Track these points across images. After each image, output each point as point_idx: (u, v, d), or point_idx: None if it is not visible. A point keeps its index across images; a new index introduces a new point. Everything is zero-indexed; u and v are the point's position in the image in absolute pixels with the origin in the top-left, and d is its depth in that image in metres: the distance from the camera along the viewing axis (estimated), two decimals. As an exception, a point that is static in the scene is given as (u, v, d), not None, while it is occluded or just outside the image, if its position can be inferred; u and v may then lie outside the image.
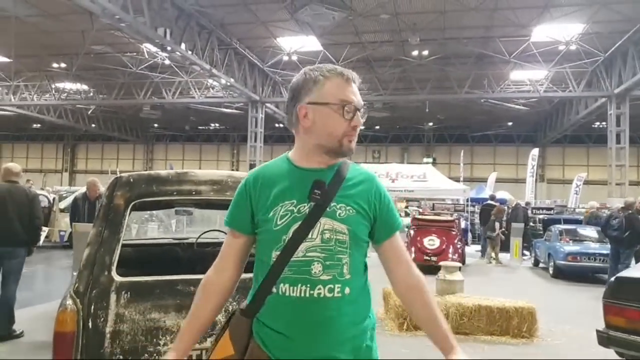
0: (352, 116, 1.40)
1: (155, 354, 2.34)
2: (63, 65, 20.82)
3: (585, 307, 3.91)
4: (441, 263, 6.46)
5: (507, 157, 32.90)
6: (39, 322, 5.24)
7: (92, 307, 2.27)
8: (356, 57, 18.21)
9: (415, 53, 17.73)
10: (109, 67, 20.28)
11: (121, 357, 2.29)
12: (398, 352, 4.61)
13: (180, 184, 2.62)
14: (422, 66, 18.65)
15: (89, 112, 28.54)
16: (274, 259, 1.33)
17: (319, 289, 1.29)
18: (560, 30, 15.57)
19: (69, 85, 23.65)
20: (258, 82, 20.49)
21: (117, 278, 2.36)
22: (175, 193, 2.61)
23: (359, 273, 1.37)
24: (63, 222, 11.60)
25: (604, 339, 3.54)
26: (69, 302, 2.27)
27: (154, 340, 2.34)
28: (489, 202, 14.74)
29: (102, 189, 6.78)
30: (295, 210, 1.34)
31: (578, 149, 31.89)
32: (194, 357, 2.40)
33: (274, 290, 1.32)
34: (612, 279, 3.77)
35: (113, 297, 2.31)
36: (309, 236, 1.32)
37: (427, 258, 9.75)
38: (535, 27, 15.16)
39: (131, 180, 2.53)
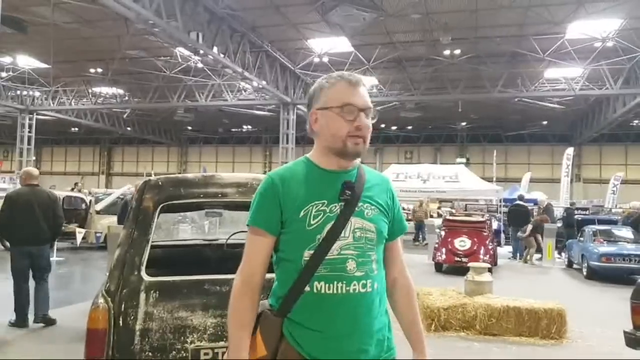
0: (354, 117, 1.41)
1: (182, 352, 2.41)
2: (99, 70, 21.60)
3: (618, 308, 3.86)
4: (470, 264, 6.43)
5: (541, 156, 32.03)
6: (76, 319, 5.46)
7: (123, 305, 2.37)
8: (387, 57, 18.14)
9: (447, 52, 17.51)
10: (143, 71, 20.89)
11: (150, 354, 2.37)
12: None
13: (207, 187, 2.70)
14: (454, 65, 18.41)
15: (125, 116, 29.45)
16: (307, 258, 1.35)
17: (354, 285, 1.35)
18: (596, 27, 15.07)
19: (105, 90, 24.52)
20: (289, 84, 20.69)
21: (147, 278, 2.45)
22: (202, 195, 2.69)
23: (382, 269, 1.48)
24: (99, 223, 11.94)
25: (632, 340, 3.51)
26: (101, 300, 2.37)
27: (182, 338, 2.41)
28: (518, 202, 14.46)
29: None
30: (328, 210, 1.38)
31: (616, 147, 30.73)
32: (209, 357, 2.45)
33: (307, 288, 1.35)
34: None
35: (142, 296, 2.40)
36: (342, 235, 1.37)
37: (458, 259, 9.66)
38: (570, 24, 14.73)
39: (160, 183, 2.63)
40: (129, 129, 32.23)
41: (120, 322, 2.34)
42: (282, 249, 1.43)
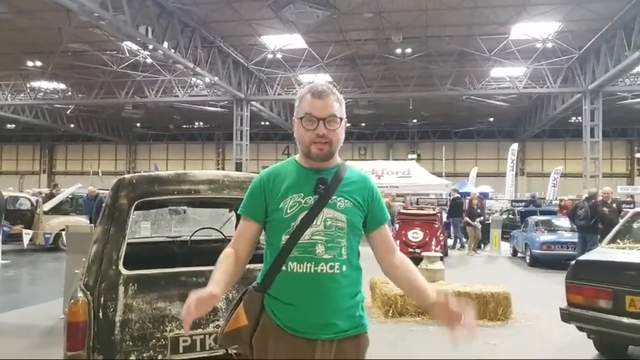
0: (314, 126, 1.59)
1: (162, 340, 2.53)
2: (38, 63, 20.39)
3: (557, 292, 4.29)
4: (423, 254, 6.71)
5: (488, 152, 33.51)
6: (29, 323, 5.25)
7: (102, 298, 2.44)
8: (341, 55, 18.34)
9: (398, 51, 17.94)
10: (88, 65, 19.95)
11: (131, 343, 2.47)
12: (384, 337, 4.90)
13: (180, 184, 2.78)
14: (405, 64, 18.89)
15: (68, 112, 28.04)
16: (284, 242, 1.55)
17: (322, 266, 1.53)
18: (538, 28, 16.00)
19: (45, 85, 23.18)
20: (243, 80, 20.45)
21: (125, 271, 2.52)
22: (175, 192, 2.79)
23: (354, 255, 1.62)
24: (47, 224, 11.40)
25: (566, 316, 3.92)
26: (80, 294, 2.43)
27: (161, 327, 2.54)
28: (455, 195, 15.41)
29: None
30: (303, 202, 1.58)
31: (556, 143, 32.68)
32: (188, 344, 2.57)
33: (284, 268, 1.55)
34: (573, 262, 4.18)
35: (121, 289, 2.48)
36: (314, 223, 1.56)
37: (412, 250, 9.99)
38: (513, 25, 15.52)
39: (134, 181, 2.70)
40: (72, 125, 30.70)
41: (100, 314, 2.42)
42: (268, 235, 1.65)
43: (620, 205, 11.11)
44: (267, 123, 29.69)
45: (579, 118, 21.55)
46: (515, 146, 23.60)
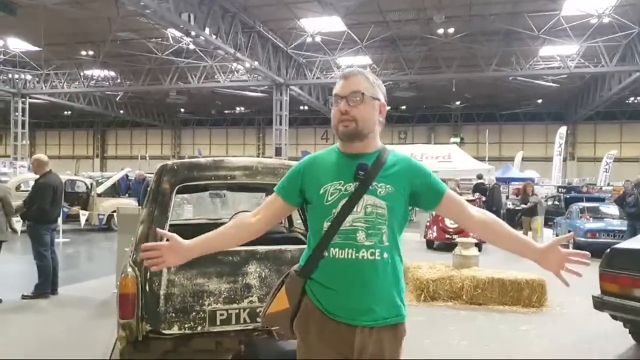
0: (338, 105, 1.62)
1: (201, 312, 2.80)
2: (90, 52, 21.37)
3: (597, 280, 4.22)
4: (458, 239, 6.70)
5: (535, 135, 32.21)
6: (87, 296, 5.72)
7: (148, 274, 2.72)
8: (380, 36, 18.05)
9: (440, 31, 17.44)
10: (135, 53, 20.70)
11: (173, 314, 2.75)
12: (416, 320, 4.97)
13: (217, 170, 3.03)
14: (448, 44, 18.36)
15: (117, 99, 29.26)
16: (325, 229, 1.58)
17: (363, 252, 1.55)
18: (592, 3, 15.03)
19: (97, 72, 24.31)
20: (282, 64, 20.58)
21: None
22: (213, 178, 3.04)
23: (395, 242, 1.62)
24: (101, 206, 12.11)
25: (599, 304, 3.87)
26: (129, 269, 2.73)
27: (200, 301, 2.81)
28: (480, 181, 14.99)
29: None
30: (343, 189, 1.60)
31: (610, 125, 30.92)
32: (224, 317, 2.83)
33: (325, 254, 1.58)
34: (608, 250, 4.06)
35: None
36: (354, 210, 1.57)
37: (448, 236, 9.89)
38: (565, 1, 14.70)
39: (175, 167, 2.97)
40: (121, 111, 32.06)
41: (147, 288, 2.72)
42: (310, 221, 1.70)
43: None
44: (306, 108, 29.78)
45: (638, 98, 20.26)
46: (563, 129, 22.56)
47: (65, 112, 35.39)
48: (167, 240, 1.68)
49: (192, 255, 1.70)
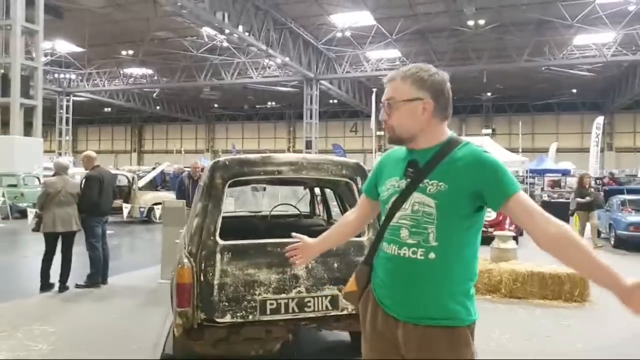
0: (383, 112, 1.64)
1: (252, 302, 2.92)
2: (130, 52, 22.28)
3: None
4: (495, 232, 6.62)
5: (571, 126, 31.38)
6: (133, 286, 5.98)
7: (203, 264, 2.87)
8: (410, 29, 18.07)
9: (471, 23, 17.30)
10: (171, 51, 21.44)
11: (226, 304, 2.88)
12: None
13: (265, 165, 3.18)
14: (478, 35, 18.21)
15: (154, 95, 30.30)
16: (382, 223, 1.65)
17: (405, 250, 1.55)
18: (630, -10, 14.67)
19: (135, 71, 25.28)
20: (312, 59, 20.88)
21: (221, 242, 2.95)
22: (262, 173, 3.19)
23: (450, 242, 1.52)
24: (142, 199, 12.61)
25: None
26: (185, 260, 2.87)
27: (251, 290, 2.92)
28: None
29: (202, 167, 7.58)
30: (396, 185, 1.60)
31: (651, 114, 29.85)
32: (274, 306, 2.96)
33: (380, 246, 1.65)
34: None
35: (218, 256, 2.90)
36: (403, 207, 1.57)
37: (484, 229, 9.82)
38: (601, -12, 14.39)
39: (227, 163, 3.13)
40: (158, 107, 33.11)
41: (202, 278, 2.85)
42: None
43: None
44: (336, 101, 29.99)
45: (678, 86, 19.60)
46: (600, 119, 21.93)
47: (106, 109, 36.77)
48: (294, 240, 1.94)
49: (317, 253, 1.92)
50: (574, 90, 28.14)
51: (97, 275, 5.81)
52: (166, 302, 3.68)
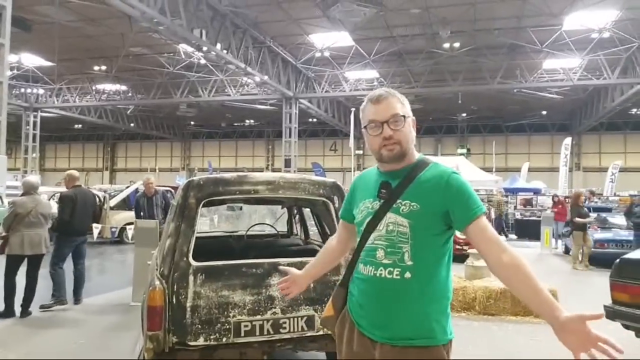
0: (379, 131, 1.61)
1: (226, 324, 2.85)
2: (103, 67, 21.88)
3: (608, 290, 4.27)
4: (469, 250, 6.73)
5: (541, 146, 32.32)
6: (102, 309, 5.78)
7: (175, 286, 2.80)
8: (388, 51, 18.39)
9: (446, 45, 17.75)
10: (146, 67, 21.19)
11: (199, 326, 2.80)
12: None
13: (241, 185, 3.12)
14: (453, 58, 18.66)
15: (128, 112, 29.79)
16: (357, 245, 1.67)
17: (381, 270, 1.56)
18: (593, 18, 15.29)
19: (108, 87, 24.81)
20: (291, 78, 20.96)
21: (194, 263, 2.88)
22: (237, 192, 3.13)
23: (425, 261, 1.54)
24: (113, 219, 12.29)
25: (610, 313, 3.91)
26: (157, 282, 2.79)
27: (225, 312, 2.86)
28: None
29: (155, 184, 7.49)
30: (370, 207, 1.64)
31: (615, 136, 31.01)
32: (249, 328, 2.92)
33: (356, 268, 1.66)
34: (618, 260, 4.15)
35: (191, 278, 2.83)
36: (377, 227, 1.59)
37: (459, 247, 9.95)
38: (567, 16, 14.96)
39: (201, 182, 3.06)
40: (132, 124, 32.54)
41: (174, 300, 2.78)
42: None
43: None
44: (315, 120, 30.13)
45: (641, 110, 20.47)
46: (568, 140, 22.69)
47: (76, 126, 35.95)
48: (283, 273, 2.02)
49: (306, 283, 1.97)
50: (544, 112, 29.05)
51: (61, 293, 5.61)
52: (137, 326, 3.59)
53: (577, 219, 9.67)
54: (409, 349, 1.51)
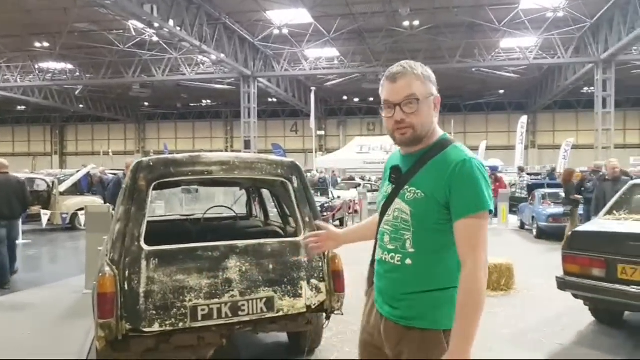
0: (392, 113, 1.52)
1: (182, 309, 2.78)
2: (46, 44, 20.49)
3: (560, 262, 4.50)
4: None
5: (499, 125, 33.22)
6: (54, 299, 5.49)
7: (127, 272, 2.69)
8: (347, 29, 18.15)
9: (406, 24, 17.69)
10: (94, 45, 20.00)
11: (154, 312, 2.71)
12: None
13: (194, 166, 3.00)
14: (413, 37, 18.65)
15: (77, 93, 28.22)
16: (377, 226, 1.68)
17: (386, 255, 1.60)
18: (549, -3, 15.62)
19: (53, 65, 23.34)
20: (249, 56, 20.38)
21: (146, 247, 2.76)
22: (190, 173, 3.01)
23: (426, 249, 1.50)
24: (64, 204, 11.66)
25: (562, 284, 4.10)
26: (107, 268, 2.68)
27: (181, 297, 2.78)
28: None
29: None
30: (385, 190, 1.64)
31: (567, 114, 32.26)
32: (206, 312, 2.84)
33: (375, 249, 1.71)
34: (569, 232, 4.32)
35: (144, 263, 2.73)
36: (387, 212, 1.60)
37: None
38: (524, -6, 15.19)
39: (151, 163, 2.91)
40: (81, 106, 30.95)
41: (126, 286, 2.68)
42: None
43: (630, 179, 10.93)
44: (275, 100, 29.64)
45: (591, 88, 21.22)
46: (524, 119, 23.37)
47: (20, 107, 33.86)
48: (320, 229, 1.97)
49: (342, 243, 1.96)
50: (502, 91, 29.79)
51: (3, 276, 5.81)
52: (90, 314, 3.41)
53: (577, 196, 9.13)
54: (409, 329, 1.53)
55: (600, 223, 4.40)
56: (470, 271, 1.41)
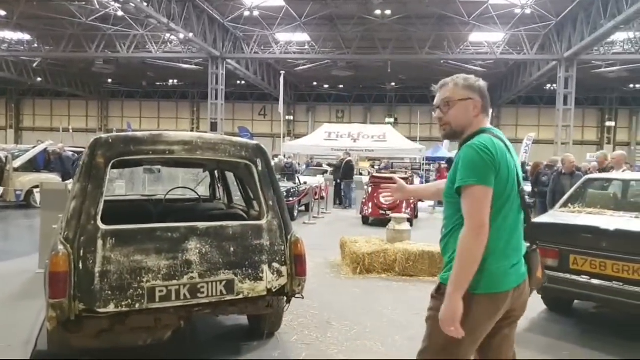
0: (436, 113, 1.98)
1: (139, 290, 2.72)
2: (2, 12, 19.32)
3: None
4: (391, 215, 7.00)
5: (464, 117, 33.83)
6: (4, 278, 5.27)
7: (82, 251, 2.62)
8: (319, 14, 17.98)
9: (378, 12, 17.68)
10: (55, 16, 19.01)
11: (109, 292, 2.65)
12: (352, 292, 5.20)
13: (155, 145, 2.91)
14: (384, 26, 18.67)
15: (35, 65, 26.82)
16: None
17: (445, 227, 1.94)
18: (517, -6, 15.94)
19: (9, 35, 22.07)
20: (218, 37, 19.90)
21: (103, 226, 2.69)
22: (150, 152, 2.92)
23: (453, 225, 1.86)
24: (18, 181, 11.22)
25: None
26: (61, 247, 2.59)
27: (138, 278, 2.72)
28: (349, 159, 14.44)
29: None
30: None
31: (530, 109, 33.25)
32: (164, 293, 2.78)
33: None
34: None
35: (100, 242, 2.66)
36: None
37: (383, 212, 10.30)
38: (493, -11, 15.44)
39: (110, 140, 2.82)
40: (39, 79, 29.45)
41: (80, 265, 2.60)
42: None
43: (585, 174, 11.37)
44: (243, 82, 29.15)
45: (554, 85, 21.92)
46: (489, 112, 23.88)
47: (-27, 78, 31.95)
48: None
49: (410, 195, 2.47)
50: (468, 85, 30.26)
51: None
52: (43, 294, 3.27)
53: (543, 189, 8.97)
54: (445, 286, 1.84)
55: (556, 215, 4.57)
56: (462, 235, 1.75)
